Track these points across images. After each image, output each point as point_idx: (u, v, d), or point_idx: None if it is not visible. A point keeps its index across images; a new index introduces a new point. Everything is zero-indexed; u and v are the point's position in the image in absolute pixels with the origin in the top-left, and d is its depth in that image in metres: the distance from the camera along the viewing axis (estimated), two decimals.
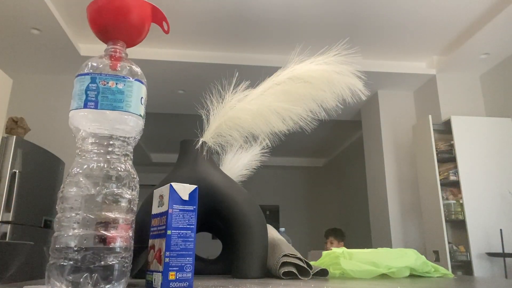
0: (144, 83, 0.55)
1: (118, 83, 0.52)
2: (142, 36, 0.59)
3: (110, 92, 0.51)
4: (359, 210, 6.23)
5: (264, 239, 0.83)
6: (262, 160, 1.16)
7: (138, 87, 0.54)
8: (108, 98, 0.51)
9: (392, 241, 3.95)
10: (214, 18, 3.26)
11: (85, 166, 0.50)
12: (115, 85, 0.52)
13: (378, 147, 4.36)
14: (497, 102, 3.79)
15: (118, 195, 0.50)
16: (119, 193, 0.50)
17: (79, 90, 0.51)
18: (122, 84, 0.52)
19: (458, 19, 3.26)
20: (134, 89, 0.53)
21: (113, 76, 0.52)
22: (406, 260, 0.88)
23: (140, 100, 0.54)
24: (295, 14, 3.22)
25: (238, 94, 0.88)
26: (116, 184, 0.50)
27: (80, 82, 0.51)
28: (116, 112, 0.51)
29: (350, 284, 0.71)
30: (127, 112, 0.52)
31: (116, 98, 0.51)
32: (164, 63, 3.68)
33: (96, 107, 0.50)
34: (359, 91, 0.88)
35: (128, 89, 0.52)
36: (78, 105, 0.50)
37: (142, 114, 0.54)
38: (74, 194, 0.48)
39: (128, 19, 0.57)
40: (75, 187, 0.48)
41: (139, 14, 0.58)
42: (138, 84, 0.54)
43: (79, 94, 0.51)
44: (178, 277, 0.55)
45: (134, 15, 0.58)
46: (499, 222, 3.27)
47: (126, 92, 0.52)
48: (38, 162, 3.07)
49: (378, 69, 3.91)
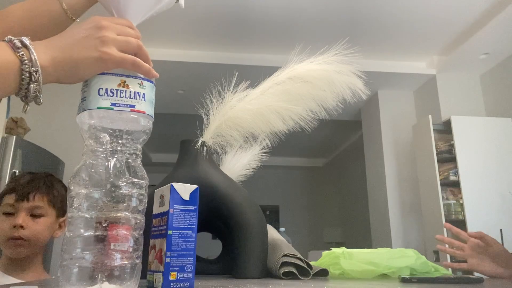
0: (155, 84, 0.55)
1: (137, 83, 0.52)
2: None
3: (127, 92, 0.51)
4: (359, 210, 6.22)
5: (264, 239, 0.83)
6: (262, 160, 1.16)
7: (151, 88, 0.54)
8: (125, 99, 0.50)
9: (392, 241, 3.95)
10: (214, 18, 3.26)
11: (93, 165, 0.49)
12: (136, 85, 0.52)
13: (378, 147, 4.36)
14: (497, 102, 3.79)
15: (127, 195, 0.50)
16: (128, 192, 0.50)
17: (97, 89, 0.50)
18: (140, 84, 0.52)
19: (458, 19, 3.26)
20: (148, 90, 0.53)
21: (131, 76, 0.52)
22: (406, 260, 0.88)
23: (152, 101, 0.54)
24: (295, 14, 3.22)
25: (238, 94, 0.88)
26: (125, 183, 0.50)
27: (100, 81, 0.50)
28: (132, 112, 0.51)
29: (350, 284, 0.71)
30: (142, 112, 0.52)
31: (134, 98, 0.51)
32: (164, 63, 3.67)
33: (116, 106, 0.50)
34: (359, 91, 0.88)
35: (145, 90, 0.52)
36: (95, 104, 0.49)
37: (153, 114, 0.54)
38: (81, 194, 0.48)
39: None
40: (82, 187, 0.48)
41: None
42: (151, 85, 0.54)
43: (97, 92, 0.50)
44: (179, 277, 0.55)
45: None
46: (499, 222, 3.27)
47: (144, 93, 0.52)
48: (38, 162, 3.07)
49: (378, 69, 3.91)
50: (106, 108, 0.49)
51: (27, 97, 0.47)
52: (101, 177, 0.49)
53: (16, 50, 0.45)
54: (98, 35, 0.49)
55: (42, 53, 0.46)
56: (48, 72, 0.47)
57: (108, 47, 0.49)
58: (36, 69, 0.45)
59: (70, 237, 0.47)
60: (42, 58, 0.46)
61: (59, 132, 3.70)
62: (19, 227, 1.06)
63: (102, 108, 0.49)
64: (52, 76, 0.47)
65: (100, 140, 0.50)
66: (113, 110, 0.49)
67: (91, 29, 0.50)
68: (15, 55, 0.45)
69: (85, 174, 0.49)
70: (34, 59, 0.45)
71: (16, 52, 0.45)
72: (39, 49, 0.46)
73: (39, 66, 0.45)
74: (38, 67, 0.45)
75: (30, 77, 0.45)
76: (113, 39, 0.50)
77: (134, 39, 0.52)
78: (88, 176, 0.49)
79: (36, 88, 0.46)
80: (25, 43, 0.46)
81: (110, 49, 0.49)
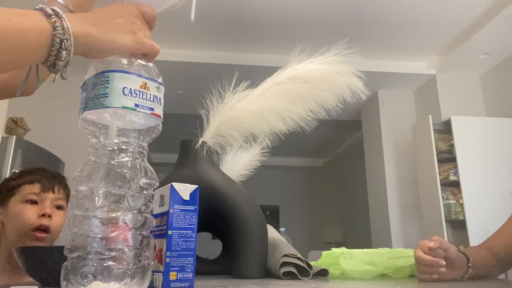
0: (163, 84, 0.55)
1: (155, 87, 0.52)
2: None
3: (147, 95, 0.50)
4: (359, 210, 6.22)
5: (264, 239, 0.83)
6: (262, 160, 1.16)
7: (163, 92, 0.54)
8: (146, 101, 0.50)
9: (392, 241, 3.95)
10: (214, 18, 3.26)
11: (99, 164, 0.49)
12: (154, 89, 0.52)
13: (378, 147, 4.36)
14: (497, 102, 3.79)
15: (136, 194, 0.49)
16: (137, 191, 0.50)
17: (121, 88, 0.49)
18: (157, 87, 0.52)
19: (458, 19, 3.26)
20: (163, 94, 0.53)
21: (150, 79, 0.51)
22: (406, 260, 0.88)
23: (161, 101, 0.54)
24: (295, 14, 3.22)
25: (238, 94, 0.88)
26: (134, 181, 0.49)
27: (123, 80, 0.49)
28: (152, 115, 0.51)
29: (350, 284, 0.71)
30: (159, 116, 0.52)
31: (153, 101, 0.51)
32: (164, 63, 3.67)
33: (138, 107, 0.49)
34: (359, 91, 0.88)
35: (161, 94, 0.52)
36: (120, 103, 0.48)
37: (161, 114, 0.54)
38: (87, 193, 0.48)
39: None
40: (89, 185, 0.48)
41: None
42: (163, 90, 0.54)
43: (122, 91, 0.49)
44: (179, 277, 0.55)
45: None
46: (499, 222, 3.24)
47: (160, 97, 0.52)
48: (38, 162, 3.07)
49: (378, 69, 3.91)
50: (131, 109, 0.48)
51: (56, 65, 0.46)
52: (109, 176, 0.48)
53: (48, 17, 0.45)
54: (133, 21, 0.52)
55: (74, 23, 0.46)
56: (78, 42, 0.46)
57: (141, 33, 0.52)
58: (67, 37, 0.45)
59: (74, 236, 0.47)
60: (74, 27, 0.46)
61: (59, 132, 3.70)
62: (47, 216, 1.06)
63: (126, 108, 0.48)
64: (82, 47, 0.47)
65: (110, 138, 0.50)
66: (136, 111, 0.49)
67: (126, 15, 0.51)
68: (48, 21, 0.45)
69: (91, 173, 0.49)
70: (67, 26, 0.45)
71: (48, 18, 0.45)
72: (72, 19, 0.46)
73: (71, 34, 0.45)
74: (70, 35, 0.45)
75: (61, 44, 0.45)
76: (143, 28, 0.53)
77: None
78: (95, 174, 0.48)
79: (66, 56, 0.46)
80: (57, 11, 0.46)
81: (142, 34, 0.52)
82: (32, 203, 1.07)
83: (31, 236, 1.05)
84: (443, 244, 0.75)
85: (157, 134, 0.54)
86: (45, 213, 1.06)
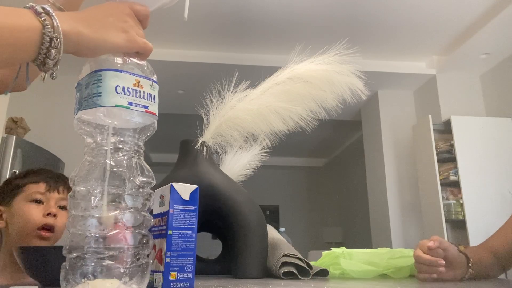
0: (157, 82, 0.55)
1: (149, 84, 0.52)
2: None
3: (141, 93, 0.50)
4: (359, 210, 6.22)
5: (264, 239, 0.83)
6: (262, 160, 1.16)
7: (157, 90, 0.54)
8: (140, 99, 0.50)
9: (392, 241, 3.95)
10: (214, 18, 3.26)
11: (96, 164, 0.49)
12: (148, 86, 0.51)
13: (378, 147, 4.36)
14: (497, 102, 3.79)
15: (133, 193, 0.49)
16: (135, 190, 0.49)
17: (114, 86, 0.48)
18: (151, 85, 0.52)
19: (458, 19, 3.26)
20: (157, 92, 0.53)
21: (144, 77, 0.51)
22: (406, 260, 0.88)
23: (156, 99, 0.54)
24: (295, 14, 3.22)
25: (238, 94, 0.88)
26: (132, 181, 0.49)
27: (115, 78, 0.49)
28: (147, 113, 0.50)
29: (350, 284, 0.71)
30: (154, 114, 0.51)
31: (147, 99, 0.51)
32: (164, 63, 3.67)
33: (132, 105, 0.49)
34: (359, 91, 0.88)
35: (155, 92, 0.52)
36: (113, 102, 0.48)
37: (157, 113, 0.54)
38: (84, 193, 0.48)
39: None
40: (86, 185, 0.48)
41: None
42: (158, 88, 0.54)
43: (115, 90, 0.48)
44: (179, 277, 0.55)
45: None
46: (499, 222, 3.25)
47: (154, 94, 0.52)
48: (38, 162, 3.07)
49: (378, 69, 3.91)
50: (124, 107, 0.48)
51: (45, 64, 0.46)
52: (106, 176, 0.48)
53: (38, 15, 0.45)
54: (125, 19, 0.52)
55: (64, 22, 0.46)
56: (69, 41, 0.46)
57: (133, 31, 0.52)
58: (57, 36, 0.45)
59: (72, 236, 0.47)
60: (64, 25, 0.46)
61: (59, 132, 3.70)
62: (53, 216, 1.06)
63: (120, 106, 0.48)
64: (72, 46, 0.47)
65: (105, 137, 0.49)
66: (130, 109, 0.48)
67: (117, 14, 0.52)
68: (38, 20, 0.45)
69: (88, 172, 0.49)
70: (56, 25, 0.45)
71: (38, 16, 0.45)
72: (62, 17, 0.46)
73: (61, 33, 0.45)
74: (60, 34, 0.45)
75: (51, 43, 0.45)
76: (136, 26, 0.53)
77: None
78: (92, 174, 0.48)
79: (56, 55, 0.46)
80: (47, 9, 0.46)
81: (135, 33, 0.52)
82: (37, 202, 1.08)
83: (36, 235, 1.05)
84: (442, 244, 0.75)
85: (152, 132, 0.53)
86: (50, 212, 1.06)
